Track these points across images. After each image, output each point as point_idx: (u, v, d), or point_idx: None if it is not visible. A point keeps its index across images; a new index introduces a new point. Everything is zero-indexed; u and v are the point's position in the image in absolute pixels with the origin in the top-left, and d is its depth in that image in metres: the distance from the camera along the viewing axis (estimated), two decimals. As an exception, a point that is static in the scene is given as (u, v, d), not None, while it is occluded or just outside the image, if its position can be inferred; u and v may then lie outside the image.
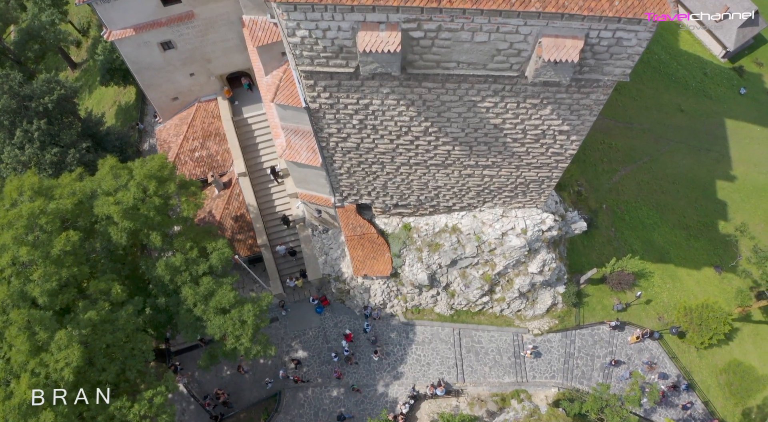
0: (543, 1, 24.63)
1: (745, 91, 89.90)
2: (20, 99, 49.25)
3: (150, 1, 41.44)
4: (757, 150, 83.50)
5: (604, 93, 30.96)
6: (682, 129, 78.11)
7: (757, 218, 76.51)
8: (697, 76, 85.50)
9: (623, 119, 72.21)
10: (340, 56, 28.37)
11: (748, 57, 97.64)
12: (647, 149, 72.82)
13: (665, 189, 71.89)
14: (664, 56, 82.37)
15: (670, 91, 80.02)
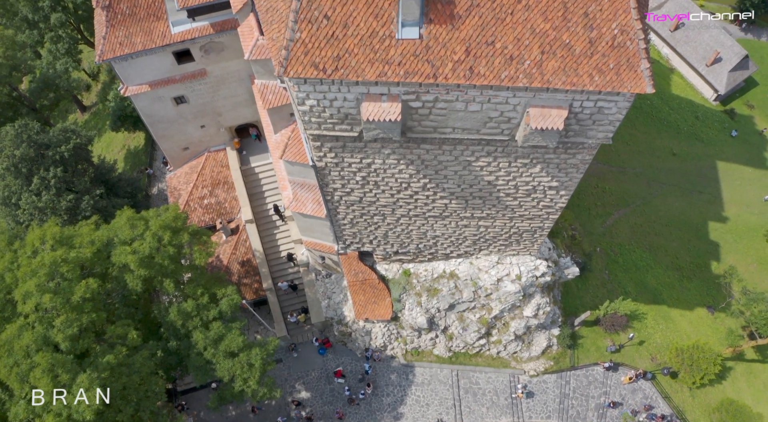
0: (529, 76, 27.54)
1: (737, 134, 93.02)
2: (38, 147, 52.06)
3: (165, 60, 44.57)
4: (749, 191, 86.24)
5: (589, 154, 33.77)
6: (675, 172, 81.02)
7: (749, 257, 78.97)
8: (688, 120, 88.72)
9: (616, 164, 75.16)
10: (345, 122, 31.25)
11: (739, 99, 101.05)
12: (640, 192, 75.60)
13: (658, 231, 74.43)
14: (656, 102, 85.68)
15: (662, 135, 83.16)
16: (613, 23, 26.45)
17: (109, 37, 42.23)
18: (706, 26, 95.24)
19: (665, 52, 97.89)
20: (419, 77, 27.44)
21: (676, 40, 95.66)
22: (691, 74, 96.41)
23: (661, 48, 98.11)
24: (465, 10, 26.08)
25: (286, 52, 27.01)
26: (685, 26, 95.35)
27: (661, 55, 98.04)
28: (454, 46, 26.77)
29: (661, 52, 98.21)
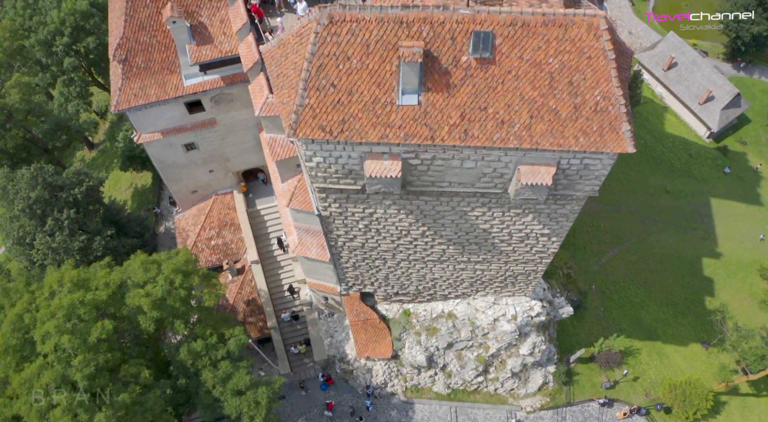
0: (519, 138, 30.16)
1: (730, 171, 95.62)
2: (52, 190, 54.60)
3: (177, 110, 47.35)
4: (742, 227, 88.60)
5: (577, 204, 36.29)
6: (668, 210, 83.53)
7: (743, 292, 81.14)
8: (682, 157, 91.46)
9: (611, 202, 77.71)
10: (349, 177, 33.81)
11: (732, 136, 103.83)
12: (634, 230, 78.04)
13: (653, 268, 76.71)
14: (650, 140, 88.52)
15: (656, 173, 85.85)
16: (596, 90, 29.11)
17: (125, 89, 45.03)
18: (698, 65, 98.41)
19: (659, 90, 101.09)
20: (418, 139, 30.04)
21: (669, 79, 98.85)
22: (685, 112, 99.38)
23: (654, 87, 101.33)
24: (460, 79, 28.77)
25: (296, 116, 29.67)
26: (677, 66, 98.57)
27: (655, 94, 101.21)
28: (450, 111, 29.43)
29: (654, 90, 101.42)
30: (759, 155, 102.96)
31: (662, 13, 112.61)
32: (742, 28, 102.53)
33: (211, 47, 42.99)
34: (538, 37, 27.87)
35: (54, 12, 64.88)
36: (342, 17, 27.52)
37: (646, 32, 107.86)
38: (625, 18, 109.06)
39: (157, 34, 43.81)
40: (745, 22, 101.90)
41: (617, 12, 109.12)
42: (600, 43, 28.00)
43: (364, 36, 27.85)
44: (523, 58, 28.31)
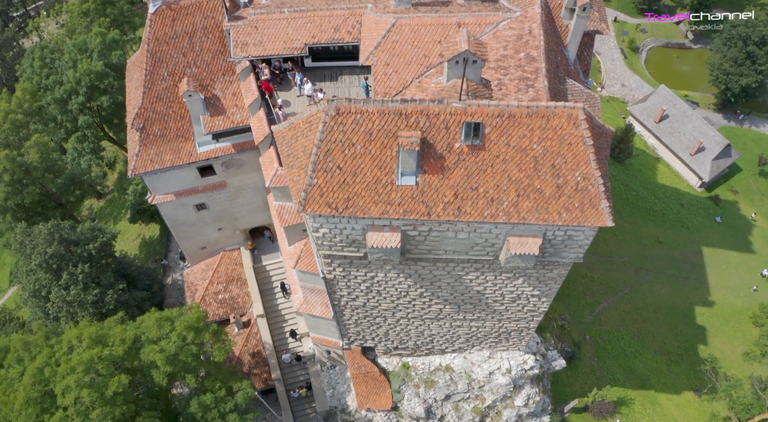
0: (508, 214, 33.55)
1: (721, 220, 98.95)
2: (67, 245, 57.81)
3: (190, 174, 50.87)
4: (734, 275, 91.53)
5: (564, 269, 39.58)
6: (661, 259, 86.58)
7: (736, 340, 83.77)
8: (674, 208, 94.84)
9: (604, 253, 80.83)
10: (353, 246, 37.13)
11: (723, 185, 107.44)
12: (628, 280, 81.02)
13: (646, 318, 79.48)
14: (642, 192, 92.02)
15: (648, 224, 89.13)
16: (576, 172, 32.60)
17: (142, 155, 48.61)
18: (688, 117, 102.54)
19: (651, 142, 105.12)
20: (416, 215, 33.45)
21: (661, 130, 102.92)
22: (677, 163, 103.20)
23: (647, 138, 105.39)
24: (453, 163, 32.30)
25: (306, 194, 33.14)
26: (669, 118, 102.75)
27: (647, 145, 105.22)
28: (445, 190, 32.89)
29: (647, 142, 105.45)
30: (750, 204, 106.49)
31: (653, 67, 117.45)
32: (731, 79, 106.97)
33: (223, 118, 46.70)
34: (523, 126, 31.47)
35: (70, 72, 68.82)
36: (348, 109, 31.16)
37: (639, 84, 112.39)
38: (617, 70, 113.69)
39: (174, 105, 47.51)
40: (734, 74, 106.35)
41: (610, 64, 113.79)
42: (579, 131, 31.57)
43: (367, 125, 31.46)
44: (510, 145, 31.88)
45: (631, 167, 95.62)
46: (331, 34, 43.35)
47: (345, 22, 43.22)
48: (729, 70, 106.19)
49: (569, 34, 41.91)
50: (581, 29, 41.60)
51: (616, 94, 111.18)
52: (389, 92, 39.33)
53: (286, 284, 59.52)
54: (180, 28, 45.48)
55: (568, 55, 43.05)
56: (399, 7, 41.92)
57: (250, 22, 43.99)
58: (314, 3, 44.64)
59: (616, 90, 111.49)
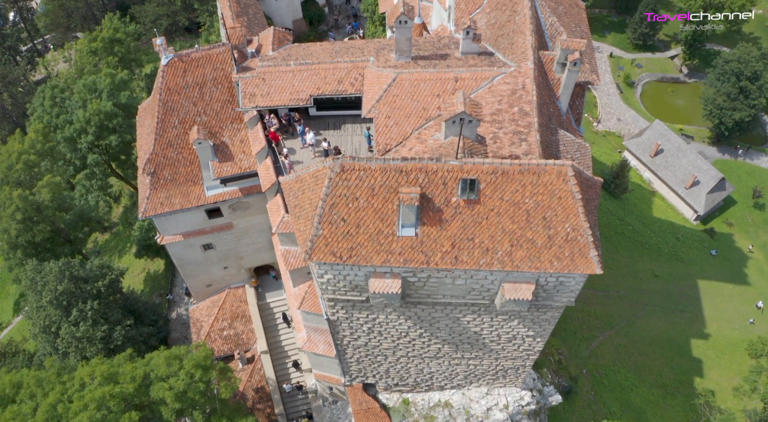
0: (502, 263, 35.79)
1: (716, 253, 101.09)
2: (77, 282, 59.93)
3: (198, 216, 53.18)
4: (729, 307, 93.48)
5: (557, 311, 41.71)
6: (657, 293, 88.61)
7: (732, 372, 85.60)
8: (669, 241, 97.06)
9: (601, 288, 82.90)
10: (355, 290, 39.32)
11: (719, 218, 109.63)
12: (624, 314, 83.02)
13: (642, 351, 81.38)
14: (637, 226, 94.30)
15: (644, 258, 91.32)
16: (566, 224, 34.90)
17: (152, 198, 50.95)
18: (683, 152, 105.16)
19: (647, 176, 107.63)
20: (415, 263, 35.70)
21: (656, 164, 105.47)
22: (672, 196, 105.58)
23: (642, 172, 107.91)
24: (450, 216, 34.62)
25: (311, 244, 35.42)
26: (664, 152, 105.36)
27: (643, 179, 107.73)
28: (443, 241, 35.18)
29: (642, 175, 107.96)
30: (745, 236, 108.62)
31: (649, 101, 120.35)
32: (725, 114, 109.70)
33: (231, 164, 49.13)
34: (515, 182, 33.86)
35: (80, 111, 71.44)
36: (352, 166, 33.57)
37: (634, 119, 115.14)
38: (613, 105, 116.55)
39: (184, 151, 49.96)
40: (727, 108, 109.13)
41: (606, 99, 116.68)
42: (568, 187, 33.93)
43: (370, 181, 33.85)
44: (504, 199, 34.24)
45: (627, 202, 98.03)
46: (335, 86, 45.97)
47: (348, 74, 45.85)
48: (722, 104, 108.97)
49: (561, 87, 44.37)
50: (572, 82, 44.08)
51: (612, 129, 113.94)
52: (390, 143, 41.77)
53: (288, 315, 61.60)
54: (191, 79, 48.09)
55: (561, 106, 45.54)
56: (399, 61, 44.52)
57: (258, 74, 46.63)
58: (319, 55, 47.32)
59: (612, 124, 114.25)
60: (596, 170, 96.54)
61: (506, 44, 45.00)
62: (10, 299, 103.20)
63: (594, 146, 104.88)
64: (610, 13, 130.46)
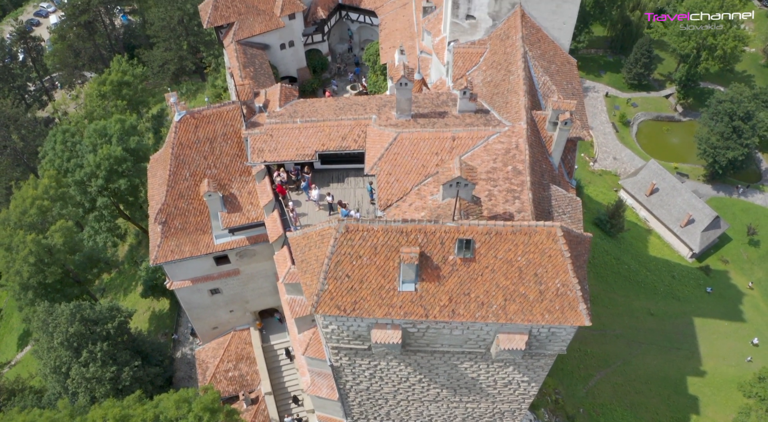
0: (497, 316, 38.33)
1: (712, 290, 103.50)
2: (87, 323, 62.30)
3: (206, 262, 55.80)
4: (725, 344, 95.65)
5: (550, 359, 44.14)
6: (653, 331, 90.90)
7: (728, 409, 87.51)
8: (665, 280, 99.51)
9: (597, 327, 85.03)
10: (358, 340, 41.81)
11: (714, 255, 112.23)
12: (620, 353, 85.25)
13: (638, 389, 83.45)
14: (633, 265, 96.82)
15: (640, 297, 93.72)
16: (556, 280, 37.52)
17: (163, 246, 53.60)
18: (677, 190, 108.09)
19: (642, 214, 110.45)
20: (415, 316, 38.28)
21: (651, 203, 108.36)
22: (668, 234, 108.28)
23: (638, 211, 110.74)
24: (448, 272, 37.27)
25: (317, 298, 38.01)
26: (659, 191, 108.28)
27: (639, 218, 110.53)
28: (440, 296, 37.78)
29: (638, 214, 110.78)
30: (741, 273, 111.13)
31: (644, 139, 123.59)
32: (719, 153, 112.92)
33: (239, 215, 51.90)
34: (508, 241, 36.56)
35: (90, 156, 74.37)
36: (356, 228, 36.32)
37: (630, 157, 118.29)
38: (609, 144, 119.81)
39: (194, 202, 52.72)
40: (721, 147, 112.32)
41: (602, 138, 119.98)
42: (557, 246, 36.62)
43: (372, 241, 36.56)
44: (498, 257, 36.91)
45: (623, 241, 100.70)
46: (339, 142, 48.89)
47: (351, 131, 48.79)
48: (716, 143, 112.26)
49: (553, 144, 47.30)
50: (564, 140, 47.03)
51: (609, 168, 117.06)
52: (391, 199, 44.55)
53: (291, 350, 63.89)
54: (202, 134, 51.07)
55: (553, 161, 48.45)
56: (400, 119, 47.52)
57: (266, 131, 49.59)
58: (324, 113, 50.32)
59: (608, 163, 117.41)
60: (592, 210, 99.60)
61: (501, 103, 48.03)
62: (14, 334, 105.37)
63: (590, 185, 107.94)
64: (605, 53, 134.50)
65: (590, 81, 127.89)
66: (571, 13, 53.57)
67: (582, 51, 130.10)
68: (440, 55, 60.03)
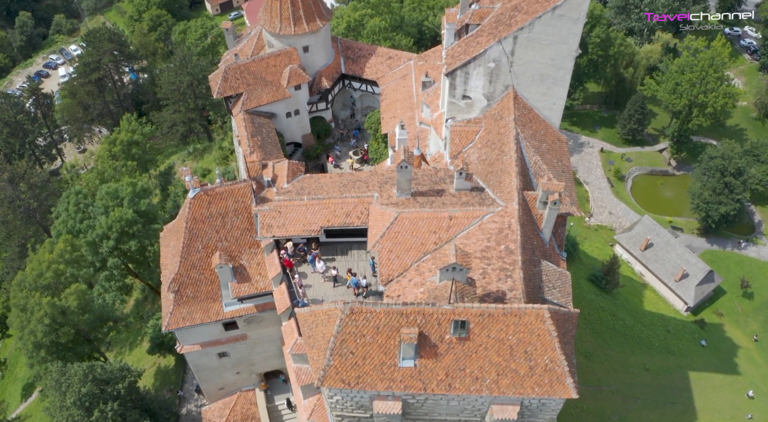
0: (490, 389, 41.58)
1: (706, 343, 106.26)
2: (99, 383, 65.35)
3: (215, 328, 59.17)
4: (720, 398, 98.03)
5: (542, 425, 47.37)
6: (648, 386, 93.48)
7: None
8: (660, 334, 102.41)
9: (593, 383, 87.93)
10: (361, 409, 45.02)
11: (709, 308, 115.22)
12: (616, 408, 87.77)
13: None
14: (629, 321, 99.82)
15: (635, 352, 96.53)
16: (545, 356, 40.95)
17: (175, 313, 57.03)
18: (671, 245, 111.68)
19: (638, 269, 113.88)
20: (414, 389, 41.62)
21: (646, 258, 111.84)
22: (663, 288, 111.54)
23: (634, 265, 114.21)
24: (444, 350, 40.74)
25: (323, 373, 41.40)
26: (653, 246, 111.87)
27: (634, 272, 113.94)
28: (438, 371, 41.18)
29: (634, 269, 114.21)
30: (735, 325, 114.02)
31: (639, 193, 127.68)
32: (711, 208, 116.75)
33: (248, 285, 55.46)
34: (500, 322, 40.12)
35: (102, 218, 78.30)
36: (360, 310, 39.94)
37: (625, 212, 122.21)
38: (605, 199, 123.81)
39: (205, 272, 56.30)
40: (713, 202, 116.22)
41: (598, 193, 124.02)
42: (545, 326, 40.16)
43: (375, 322, 40.12)
44: (490, 336, 40.43)
45: (618, 296, 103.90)
46: (343, 219, 52.75)
47: (355, 208, 52.68)
48: (708, 199, 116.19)
49: (544, 221, 51.08)
50: (553, 217, 50.81)
51: (604, 222, 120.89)
52: (392, 274, 48.15)
53: (292, 401, 66.82)
54: (214, 210, 54.90)
55: (544, 237, 52.19)
56: (400, 197, 51.38)
57: (275, 207, 53.50)
58: (329, 190, 54.28)
59: (603, 218, 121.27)
60: (588, 266, 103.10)
61: (495, 182, 51.94)
62: (18, 384, 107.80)
63: (586, 241, 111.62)
64: (600, 108, 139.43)
65: (585, 136, 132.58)
66: (560, 95, 57.82)
67: (577, 107, 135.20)
68: (438, 130, 64.23)
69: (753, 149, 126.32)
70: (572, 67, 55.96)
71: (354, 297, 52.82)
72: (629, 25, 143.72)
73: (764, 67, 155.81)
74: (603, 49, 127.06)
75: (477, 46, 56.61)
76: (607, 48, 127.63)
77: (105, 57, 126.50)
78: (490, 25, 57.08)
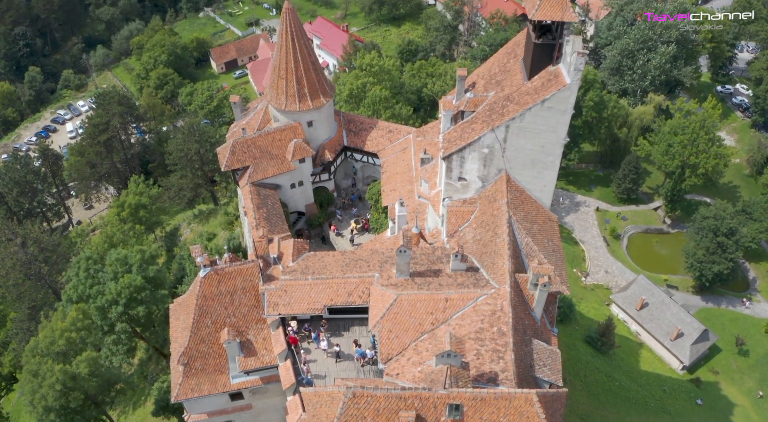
0: (484, 468, 44.67)
1: (702, 402, 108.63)
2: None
3: (222, 398, 62.15)
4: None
5: None
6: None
7: None
8: (656, 394, 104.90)
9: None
10: (362, 485, 47.99)
11: (705, 366, 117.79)
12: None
13: None
14: (625, 381, 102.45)
15: (631, 413, 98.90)
16: (535, 437, 44.11)
17: (184, 384, 60.12)
18: (666, 305, 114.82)
19: (634, 328, 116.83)
20: (412, 469, 44.66)
21: (642, 317, 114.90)
22: (659, 347, 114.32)
23: (630, 324, 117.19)
24: (440, 431, 43.93)
25: (327, 451, 44.50)
26: (649, 306, 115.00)
27: (630, 331, 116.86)
28: (434, 451, 44.27)
29: (630, 328, 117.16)
30: (731, 383, 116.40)
31: (635, 252, 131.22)
32: (705, 267, 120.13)
33: (254, 359, 58.70)
34: (492, 405, 43.32)
35: (111, 284, 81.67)
36: (361, 394, 43.12)
37: (621, 270, 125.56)
38: (601, 258, 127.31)
39: (214, 346, 59.56)
40: (707, 261, 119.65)
41: (593, 253, 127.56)
42: (534, 409, 43.36)
43: (375, 405, 43.33)
44: (483, 419, 43.54)
45: (614, 357, 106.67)
46: (346, 298, 56.31)
47: (357, 288, 56.27)
48: (702, 258, 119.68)
49: (535, 302, 54.58)
50: (544, 298, 54.31)
51: (601, 281, 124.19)
52: (391, 353, 51.49)
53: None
54: (224, 288, 58.44)
55: (535, 316, 55.63)
56: (399, 278, 54.95)
57: (281, 287, 57.09)
58: (332, 270, 57.91)
59: (600, 277, 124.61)
60: (584, 327, 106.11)
61: (489, 263, 55.59)
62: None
63: (582, 301, 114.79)
64: (595, 167, 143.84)
65: (581, 196, 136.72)
66: (550, 178, 61.81)
67: (573, 166, 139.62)
68: (436, 207, 68.15)
69: (746, 208, 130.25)
70: (561, 153, 60.07)
71: (359, 367, 56.80)
72: (623, 87, 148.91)
73: (756, 124, 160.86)
74: (597, 111, 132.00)
75: (472, 133, 60.86)
76: (601, 110, 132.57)
77: (114, 119, 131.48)
78: (483, 113, 61.41)
